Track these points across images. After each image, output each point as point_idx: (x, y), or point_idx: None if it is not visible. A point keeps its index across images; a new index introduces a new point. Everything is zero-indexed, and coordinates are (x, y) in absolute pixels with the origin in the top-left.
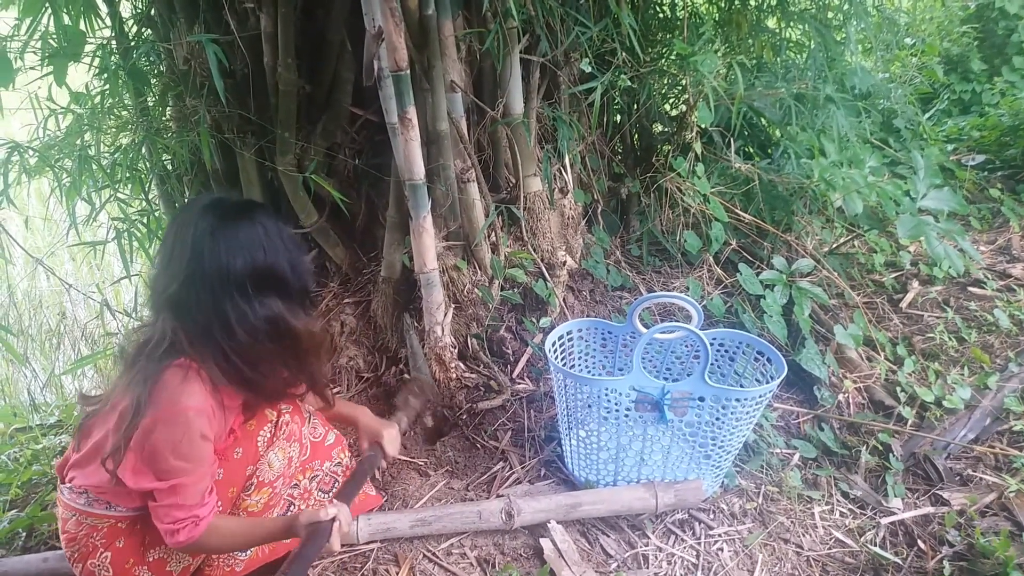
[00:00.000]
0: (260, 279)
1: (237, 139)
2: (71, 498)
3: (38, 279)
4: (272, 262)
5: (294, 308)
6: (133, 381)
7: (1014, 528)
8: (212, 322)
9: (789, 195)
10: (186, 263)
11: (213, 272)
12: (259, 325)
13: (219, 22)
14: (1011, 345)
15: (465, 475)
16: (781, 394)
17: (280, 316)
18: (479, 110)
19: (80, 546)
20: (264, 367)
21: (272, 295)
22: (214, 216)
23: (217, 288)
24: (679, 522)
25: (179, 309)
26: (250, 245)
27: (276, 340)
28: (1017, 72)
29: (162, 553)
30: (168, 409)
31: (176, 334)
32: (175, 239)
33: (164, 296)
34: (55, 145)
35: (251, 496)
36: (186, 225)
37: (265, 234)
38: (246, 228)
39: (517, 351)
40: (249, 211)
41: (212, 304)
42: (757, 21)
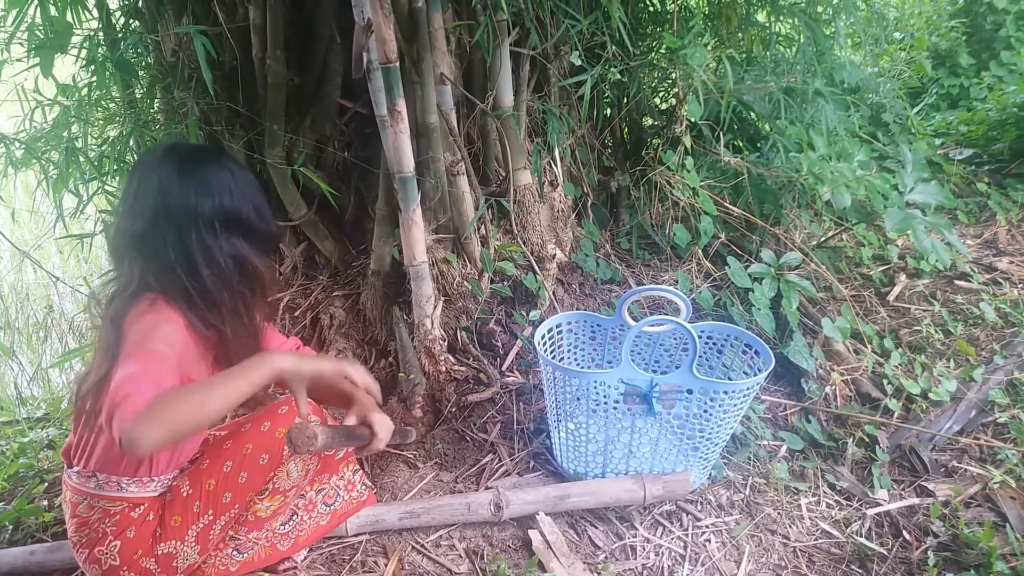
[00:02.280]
0: (227, 220)
1: (225, 131)
2: (80, 482)
3: (25, 272)
4: (240, 205)
5: (257, 250)
6: (104, 327)
7: (998, 519)
8: (178, 260)
9: (778, 189)
10: (152, 201)
11: (180, 210)
12: (224, 263)
13: (207, 13)
14: (996, 338)
15: (454, 467)
16: (769, 387)
17: (245, 256)
18: (469, 103)
19: (91, 531)
20: (226, 312)
21: (237, 235)
22: (179, 158)
23: (184, 226)
24: (667, 514)
25: (144, 247)
26: (219, 187)
27: (240, 280)
28: (1005, 67)
29: (171, 548)
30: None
31: (144, 274)
32: (140, 179)
33: (129, 234)
34: (42, 137)
35: (263, 501)
36: (151, 166)
37: (232, 177)
38: (214, 170)
39: (507, 344)
40: (215, 155)
41: (178, 241)
42: (747, 15)
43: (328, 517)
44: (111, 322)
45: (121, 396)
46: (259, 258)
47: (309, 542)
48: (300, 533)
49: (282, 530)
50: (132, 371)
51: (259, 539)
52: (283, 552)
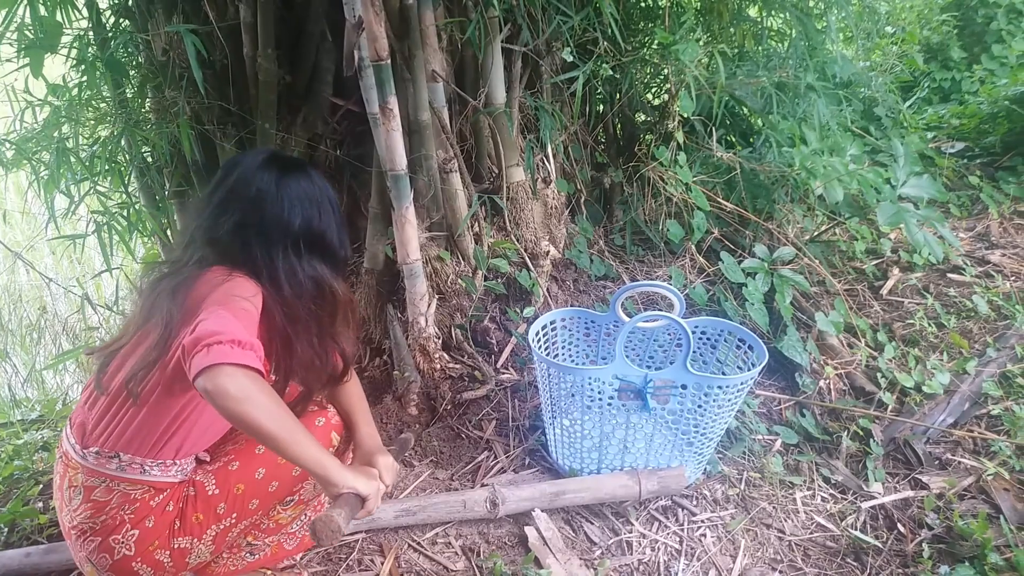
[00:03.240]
0: (313, 239)
1: (217, 130)
2: (99, 463)
3: (17, 273)
4: (326, 226)
5: (336, 274)
6: (158, 298)
7: (992, 511)
8: (260, 271)
9: (771, 184)
10: (246, 205)
11: (272, 221)
12: (305, 283)
13: (198, 12)
14: (989, 330)
15: (450, 465)
16: (763, 381)
17: (325, 279)
18: (461, 100)
19: (107, 517)
20: (299, 328)
21: (319, 257)
22: (279, 169)
23: (272, 239)
24: (662, 509)
25: (224, 250)
26: (309, 204)
27: (317, 302)
28: (996, 60)
29: (187, 544)
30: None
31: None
32: (236, 183)
33: (212, 232)
34: (32, 138)
35: (286, 510)
36: (249, 172)
37: (321, 196)
38: (307, 186)
39: (501, 341)
40: (308, 170)
41: (263, 253)
42: (738, 10)
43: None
44: (171, 291)
45: (222, 333)
46: (337, 282)
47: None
48: (307, 533)
49: (291, 530)
50: (229, 319)
51: (272, 541)
52: (288, 551)
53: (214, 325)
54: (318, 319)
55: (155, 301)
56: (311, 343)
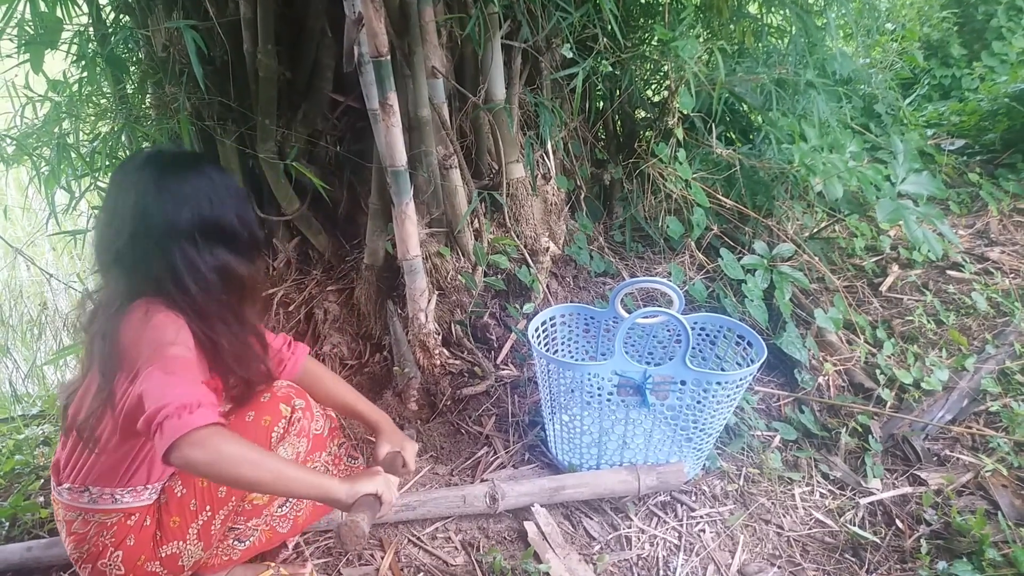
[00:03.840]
0: (208, 230)
1: (217, 126)
2: (72, 498)
3: (18, 269)
4: (219, 213)
5: (242, 258)
6: (94, 340)
7: (990, 507)
8: (164, 275)
9: (770, 180)
10: (131, 217)
11: (160, 224)
12: (209, 276)
13: (198, 8)
14: (988, 327)
15: (449, 460)
16: (762, 377)
17: (230, 267)
18: (461, 96)
19: (90, 546)
20: (216, 323)
21: (220, 246)
22: (156, 168)
23: (165, 240)
24: (661, 504)
25: (129, 264)
26: (196, 196)
27: (227, 291)
28: (996, 57)
29: (175, 549)
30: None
31: (131, 290)
32: (118, 194)
33: (111, 252)
34: (33, 133)
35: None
36: (128, 179)
37: (211, 185)
38: (192, 179)
39: (501, 337)
40: (194, 162)
41: (161, 257)
42: (738, 6)
43: None
44: (102, 336)
45: (180, 405)
46: (244, 266)
47: (308, 522)
48: (298, 514)
49: (280, 512)
50: (167, 382)
51: (258, 525)
52: (283, 534)
53: (156, 399)
54: (232, 308)
55: (92, 344)
56: (232, 334)
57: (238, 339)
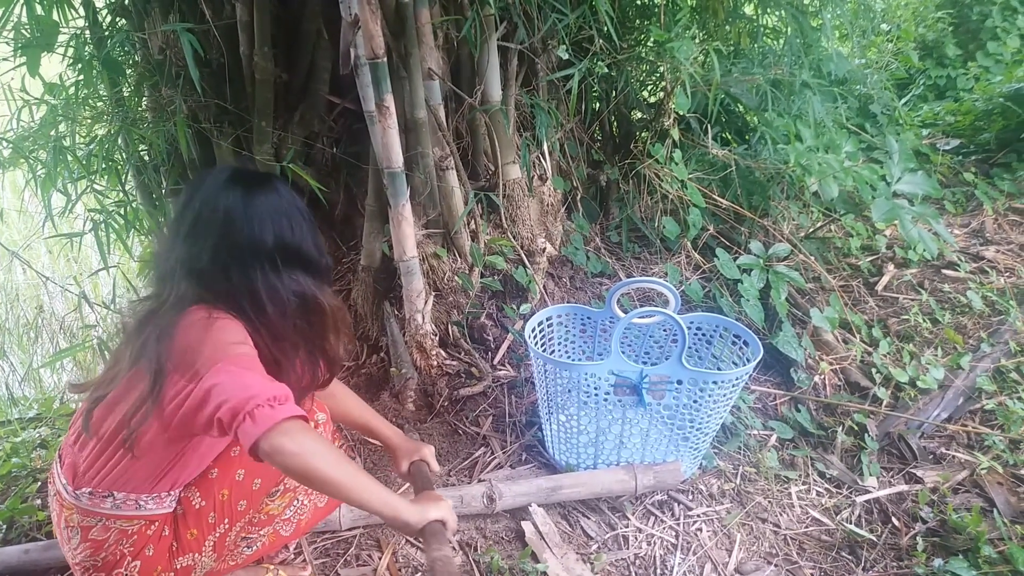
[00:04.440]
0: (289, 253)
1: (214, 129)
2: (93, 503)
3: (14, 272)
4: (300, 238)
5: (320, 284)
6: (145, 344)
7: (986, 504)
8: (241, 294)
9: (766, 180)
10: (216, 230)
11: (244, 243)
12: (289, 299)
13: (194, 11)
14: (983, 326)
15: (447, 460)
16: (758, 377)
17: (309, 291)
18: (457, 98)
19: (107, 554)
20: (287, 346)
21: (299, 270)
22: (243, 187)
23: (248, 261)
24: (658, 503)
25: (205, 279)
26: (278, 218)
27: (303, 316)
28: (991, 57)
29: (190, 560)
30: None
31: (198, 301)
32: (202, 207)
33: (189, 264)
34: (29, 136)
35: (275, 500)
36: (212, 194)
37: (291, 208)
38: (274, 200)
39: (498, 338)
40: (273, 183)
41: (242, 276)
42: (734, 7)
43: (324, 498)
44: (157, 338)
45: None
46: (321, 292)
47: (310, 525)
48: (301, 517)
49: (285, 516)
50: (244, 375)
51: (267, 532)
52: (286, 537)
53: (240, 389)
54: (306, 335)
55: (143, 346)
56: (302, 363)
57: (304, 368)
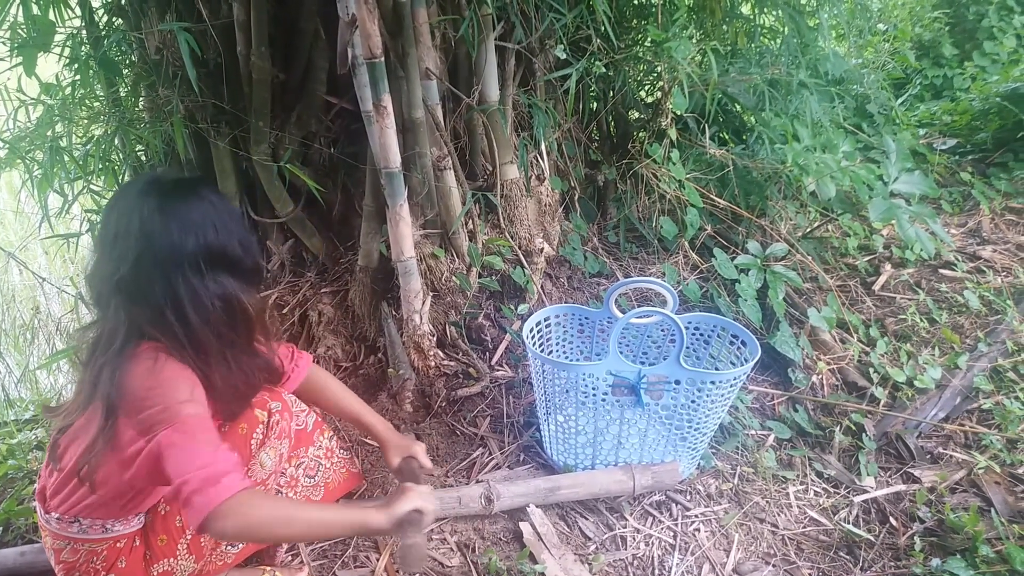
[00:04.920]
0: (213, 258)
1: (211, 129)
2: (61, 527)
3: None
4: (224, 240)
5: (245, 285)
6: (98, 379)
7: (983, 504)
8: (165, 305)
9: (763, 180)
10: (135, 244)
11: (164, 251)
12: (212, 304)
13: (191, 11)
14: (981, 325)
15: (445, 461)
16: (756, 376)
17: (233, 295)
18: (455, 97)
19: (80, 573)
20: (212, 359)
21: (224, 273)
22: (159, 194)
23: (169, 268)
24: (656, 504)
25: (131, 293)
26: (201, 223)
27: (227, 322)
28: (988, 57)
29: (167, 566)
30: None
31: (133, 320)
32: (119, 220)
33: (113, 281)
34: (26, 137)
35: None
36: (129, 205)
37: (215, 211)
38: (196, 205)
39: (495, 338)
40: (195, 187)
41: (164, 285)
42: (731, 7)
43: (320, 491)
44: (109, 376)
45: (204, 477)
46: (246, 294)
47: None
48: None
49: None
50: (186, 449)
51: None
52: None
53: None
54: (231, 342)
55: (94, 383)
56: (228, 371)
57: (236, 374)
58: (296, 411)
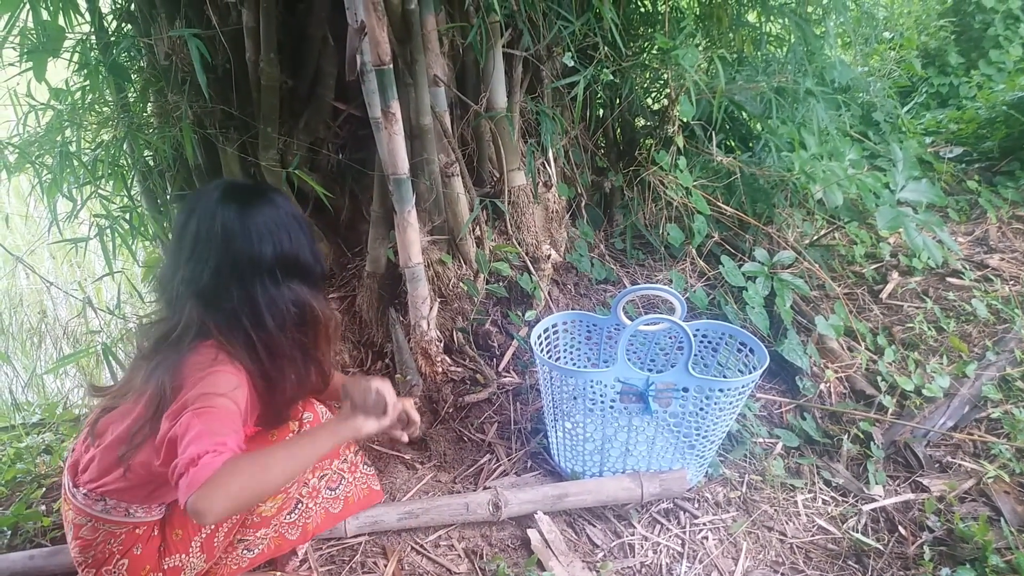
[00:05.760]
0: (287, 264)
1: (219, 134)
2: (86, 503)
3: (18, 277)
4: (298, 247)
5: (316, 292)
6: (156, 369)
7: (992, 513)
8: (241, 310)
9: (770, 188)
10: (215, 251)
11: (244, 259)
12: (287, 311)
13: (200, 17)
14: (988, 334)
15: (452, 468)
16: (764, 384)
17: (307, 301)
18: (462, 104)
19: (96, 552)
20: (284, 362)
21: (297, 280)
22: (238, 201)
23: (247, 275)
24: (664, 511)
25: (209, 299)
26: (276, 230)
27: (300, 327)
28: (994, 65)
29: (178, 561)
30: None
31: (205, 321)
32: (199, 226)
33: (194, 285)
34: (35, 142)
35: (266, 502)
36: (208, 212)
37: (288, 219)
38: (271, 212)
39: (503, 344)
40: (268, 194)
41: (242, 291)
42: (738, 15)
43: (340, 504)
44: (169, 369)
45: (188, 460)
46: (318, 300)
47: (319, 530)
48: (307, 521)
49: (288, 520)
50: (198, 430)
51: (267, 535)
52: (293, 541)
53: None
54: (302, 347)
55: (153, 371)
56: (297, 376)
57: (299, 383)
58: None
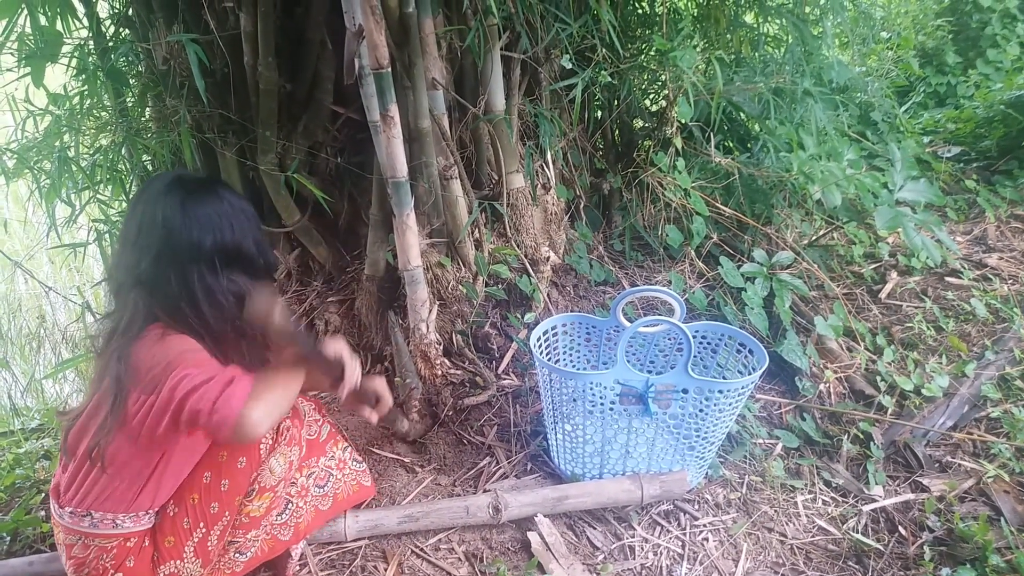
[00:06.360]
0: (228, 255)
1: (218, 139)
2: (73, 522)
3: (16, 282)
4: (240, 238)
5: (259, 284)
6: (109, 360)
7: (992, 513)
8: (181, 297)
9: (769, 188)
10: (157, 238)
11: (183, 247)
12: (226, 300)
13: (198, 22)
14: (988, 333)
15: (452, 471)
16: (763, 385)
17: (246, 291)
18: (461, 107)
19: (90, 569)
20: (229, 348)
21: (238, 271)
22: (181, 192)
23: (186, 263)
24: (664, 513)
25: (150, 285)
26: (218, 221)
27: (241, 315)
28: (991, 64)
29: (173, 568)
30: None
31: (150, 309)
32: (143, 215)
33: (135, 272)
34: (33, 147)
35: (253, 502)
36: (153, 201)
37: (232, 210)
38: (214, 204)
39: (502, 347)
40: (215, 187)
41: (181, 280)
42: (735, 16)
43: (329, 501)
44: (118, 358)
45: (223, 381)
46: (258, 291)
47: (311, 529)
48: (299, 520)
49: (279, 520)
50: (197, 372)
51: (258, 536)
52: (286, 542)
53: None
54: (245, 335)
55: (106, 364)
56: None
57: (250, 359)
58: (308, 420)
